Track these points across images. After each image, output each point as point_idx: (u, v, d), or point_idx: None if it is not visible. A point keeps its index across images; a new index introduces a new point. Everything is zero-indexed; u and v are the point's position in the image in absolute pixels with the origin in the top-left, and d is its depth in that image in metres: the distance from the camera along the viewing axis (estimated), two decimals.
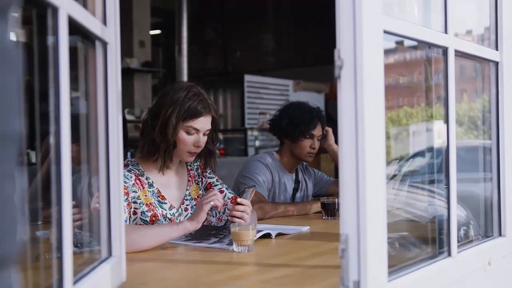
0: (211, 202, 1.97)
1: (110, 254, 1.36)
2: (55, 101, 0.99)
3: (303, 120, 2.94)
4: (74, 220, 1.36)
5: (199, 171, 2.39)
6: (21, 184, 0.56)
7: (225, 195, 2.34)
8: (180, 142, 2.17)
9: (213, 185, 2.38)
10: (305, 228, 2.35)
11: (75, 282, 1.08)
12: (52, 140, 1.00)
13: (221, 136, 7.87)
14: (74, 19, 1.07)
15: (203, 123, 2.18)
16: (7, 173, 0.53)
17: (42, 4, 0.96)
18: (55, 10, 0.98)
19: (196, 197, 2.34)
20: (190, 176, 2.36)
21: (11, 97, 0.52)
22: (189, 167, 2.38)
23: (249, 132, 7.63)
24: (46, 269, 1.26)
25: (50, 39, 1.00)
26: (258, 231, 2.02)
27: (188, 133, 2.16)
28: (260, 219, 2.67)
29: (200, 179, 2.38)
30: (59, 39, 0.99)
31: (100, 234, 1.35)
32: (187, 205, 2.30)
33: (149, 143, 2.17)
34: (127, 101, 7.38)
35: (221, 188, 2.37)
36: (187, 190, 2.32)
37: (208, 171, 2.42)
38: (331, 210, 2.63)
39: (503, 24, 1.78)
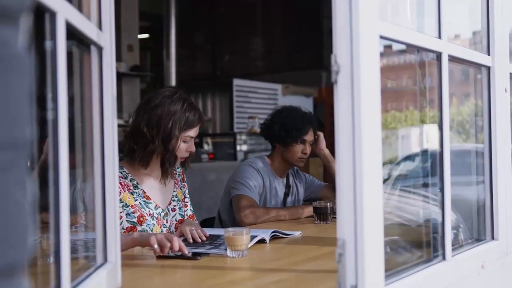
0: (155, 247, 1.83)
1: (105, 260, 1.35)
2: (53, 106, 0.98)
3: (296, 126, 2.94)
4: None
5: (180, 178, 2.48)
6: (31, 191, 0.55)
7: (186, 210, 2.43)
8: (177, 151, 2.25)
9: (186, 195, 2.49)
10: (298, 233, 2.35)
11: None
12: (49, 145, 1.00)
13: (209, 140, 7.86)
14: (71, 24, 1.07)
15: (197, 130, 2.31)
16: (18, 180, 0.52)
17: (40, 9, 0.95)
18: (53, 15, 0.98)
19: (180, 199, 2.42)
20: (176, 179, 2.44)
21: (23, 103, 0.52)
22: (173, 171, 2.44)
23: (238, 136, 7.61)
24: (41, 275, 1.25)
25: (47, 44, 1.00)
26: (252, 237, 2.02)
27: (185, 141, 2.27)
28: (252, 224, 2.67)
29: (182, 185, 2.48)
30: (57, 44, 0.99)
31: (96, 240, 1.34)
32: (174, 205, 2.37)
33: (149, 154, 2.23)
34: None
35: (187, 202, 2.48)
36: (174, 191, 2.39)
37: (185, 181, 2.51)
38: (323, 215, 2.63)
39: (494, 30, 1.80)
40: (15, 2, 0.53)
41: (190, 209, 2.47)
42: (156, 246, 1.78)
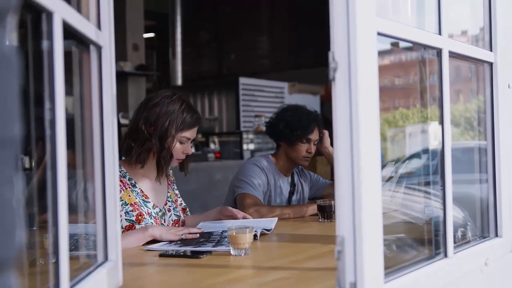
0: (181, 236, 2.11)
1: (106, 258, 1.36)
2: (50, 106, 0.99)
3: (301, 125, 2.94)
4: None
5: (173, 179, 2.52)
6: (20, 188, 0.56)
7: (170, 216, 2.41)
8: (173, 150, 2.28)
9: (178, 197, 2.52)
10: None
11: (71, 287, 1.08)
12: (47, 145, 1.00)
13: (216, 139, 7.86)
14: (69, 24, 1.07)
15: (194, 132, 2.34)
16: (6, 177, 0.53)
17: (37, 9, 0.96)
18: (49, 14, 0.98)
19: (174, 200, 2.46)
20: (169, 181, 2.48)
21: (11, 101, 0.53)
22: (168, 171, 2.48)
23: (244, 135, 7.61)
24: (41, 274, 1.25)
25: (44, 44, 1.00)
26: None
27: (181, 142, 2.30)
28: None
29: (174, 187, 2.52)
30: (54, 44, 0.99)
31: (96, 239, 1.35)
32: (169, 206, 2.41)
33: (146, 151, 2.26)
34: (121, 105, 7.34)
35: (179, 198, 2.50)
36: (168, 192, 2.44)
37: (174, 183, 2.54)
38: (327, 213, 2.63)
39: (497, 25, 1.79)
40: (2, 2, 0.53)
41: (175, 214, 2.45)
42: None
